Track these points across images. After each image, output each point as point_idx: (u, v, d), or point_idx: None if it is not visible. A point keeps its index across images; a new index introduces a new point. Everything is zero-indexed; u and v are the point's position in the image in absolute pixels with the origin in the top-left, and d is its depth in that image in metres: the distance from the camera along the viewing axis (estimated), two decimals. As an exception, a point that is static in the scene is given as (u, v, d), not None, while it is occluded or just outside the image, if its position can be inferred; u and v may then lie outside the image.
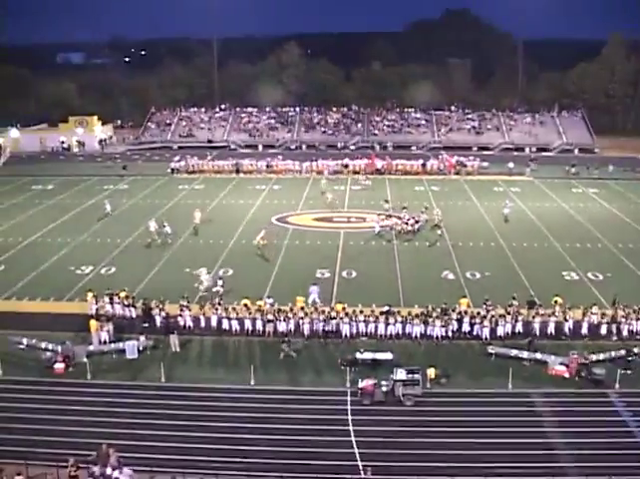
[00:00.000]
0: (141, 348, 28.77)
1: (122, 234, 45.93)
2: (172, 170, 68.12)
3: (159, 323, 30.82)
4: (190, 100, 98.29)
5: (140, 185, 63.17)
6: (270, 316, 30.26)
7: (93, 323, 29.95)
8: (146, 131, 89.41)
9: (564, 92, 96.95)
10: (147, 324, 30.80)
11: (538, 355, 27.73)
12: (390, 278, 37.41)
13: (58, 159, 78.17)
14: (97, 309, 31.81)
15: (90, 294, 32.35)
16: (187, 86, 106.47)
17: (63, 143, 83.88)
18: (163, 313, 30.89)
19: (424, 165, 67.88)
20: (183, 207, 54.53)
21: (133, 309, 31.81)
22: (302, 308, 31.15)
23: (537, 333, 29.79)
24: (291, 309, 30.93)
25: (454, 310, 30.62)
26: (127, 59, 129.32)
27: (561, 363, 27.14)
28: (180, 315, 30.79)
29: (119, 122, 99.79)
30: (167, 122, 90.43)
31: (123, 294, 32.52)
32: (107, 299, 32.17)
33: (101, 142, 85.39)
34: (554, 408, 24.58)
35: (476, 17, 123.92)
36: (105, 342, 29.36)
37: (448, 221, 48.66)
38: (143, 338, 29.10)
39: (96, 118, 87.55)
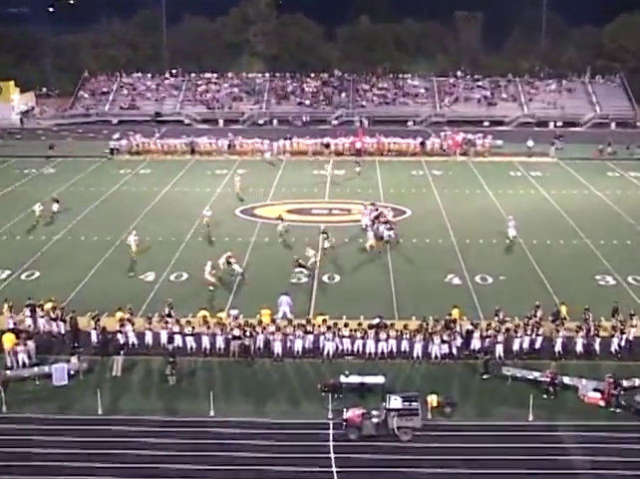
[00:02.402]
0: (72, 372, 28.58)
1: (48, 230, 45.70)
2: (111, 150, 67.93)
3: (94, 341, 30.64)
4: (133, 63, 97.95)
5: (70, 168, 62.86)
6: (235, 332, 30.24)
7: (7, 338, 29.64)
8: (77, 101, 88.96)
9: (599, 52, 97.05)
10: (77, 344, 30.60)
11: (566, 379, 27.94)
12: (381, 284, 37.58)
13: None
14: (14, 324, 31.55)
15: (5, 306, 32.11)
16: (129, 45, 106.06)
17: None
18: (99, 329, 30.70)
19: (423, 144, 68.32)
20: (125, 196, 54.34)
21: (61, 324, 31.59)
22: (273, 321, 31.21)
23: (561, 350, 30.09)
24: (260, 322, 30.96)
25: (456, 322, 30.85)
26: (50, 9, 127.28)
27: (595, 389, 27.23)
28: (121, 331, 30.67)
29: (43, 90, 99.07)
30: (105, 90, 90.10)
31: (48, 306, 32.32)
32: (27, 312, 31.93)
33: (22, 115, 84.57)
34: (586, 445, 24.57)
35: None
36: (24, 365, 29.11)
37: (453, 213, 49.20)
38: (74, 360, 28.91)
39: (12, 84, 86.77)
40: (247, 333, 30.24)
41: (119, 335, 30.59)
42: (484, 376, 28.61)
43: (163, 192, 55.35)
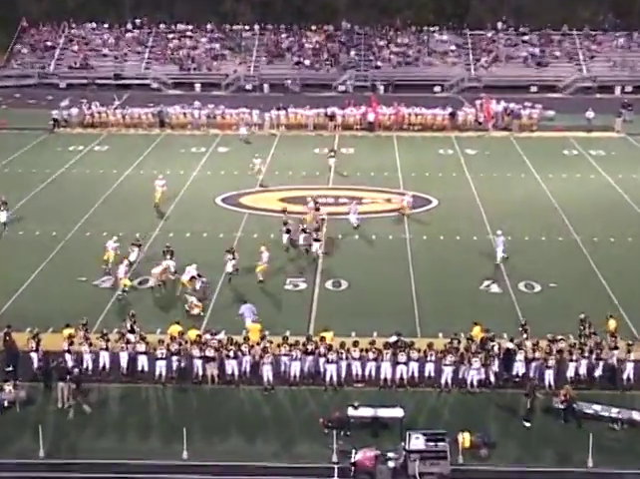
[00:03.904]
0: (5, 404, 28.63)
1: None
2: (55, 121, 67.95)
3: (35, 364, 30.70)
4: (86, 11, 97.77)
5: (4, 145, 62.94)
6: (209, 352, 30.33)
7: None
8: (13, 58, 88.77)
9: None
10: (12, 368, 30.44)
11: (635, 414, 28.04)
12: (400, 292, 37.71)
13: None
14: None
15: None
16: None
17: None
18: (42, 349, 30.70)
19: (453, 115, 68.34)
20: (75, 180, 54.40)
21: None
22: (262, 338, 31.31)
23: (631, 378, 30.14)
24: (246, 340, 31.03)
25: (493, 340, 30.88)
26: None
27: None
28: (69, 352, 30.70)
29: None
30: (49, 44, 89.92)
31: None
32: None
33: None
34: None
35: None
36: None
37: (490, 202, 49.39)
38: (8, 388, 28.96)
39: None
40: (231, 354, 30.30)
41: (66, 357, 30.52)
42: (617, 413, 28.05)
43: (125, 175, 55.44)
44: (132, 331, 31.66)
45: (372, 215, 47.51)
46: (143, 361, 30.69)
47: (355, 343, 30.63)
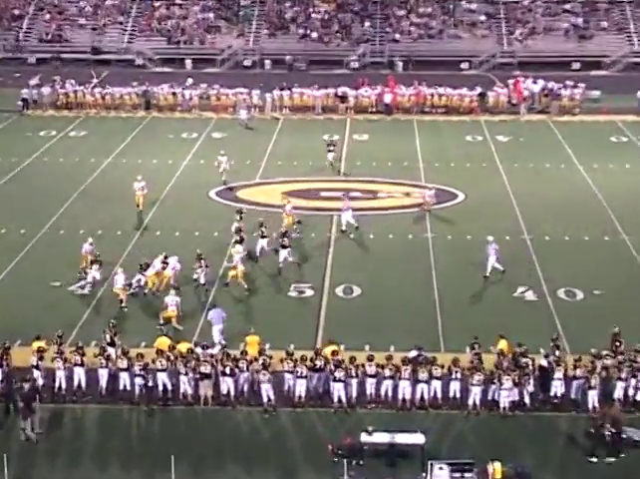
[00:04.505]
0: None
1: None
2: (25, 101, 68.13)
3: None
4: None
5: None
6: (205, 368, 30.39)
7: None
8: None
9: None
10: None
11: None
12: (421, 300, 37.83)
13: None
14: None
15: None
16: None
17: None
18: (7, 364, 30.72)
19: (482, 96, 68.55)
20: (47, 170, 54.65)
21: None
22: (260, 353, 31.38)
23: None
24: (244, 354, 31.06)
25: (526, 355, 30.84)
26: None
27: None
28: (38, 368, 30.71)
29: None
30: (17, 13, 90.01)
31: None
32: None
33: None
34: None
35: None
36: None
37: (525, 197, 49.44)
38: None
39: None
40: (227, 371, 30.31)
41: (35, 374, 30.47)
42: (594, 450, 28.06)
43: (105, 164, 55.60)
44: (112, 344, 31.69)
45: (389, 211, 47.66)
46: (125, 379, 30.61)
47: (370, 358, 30.52)
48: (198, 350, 31.47)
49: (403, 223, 46.26)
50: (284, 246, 40.66)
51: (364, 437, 27.38)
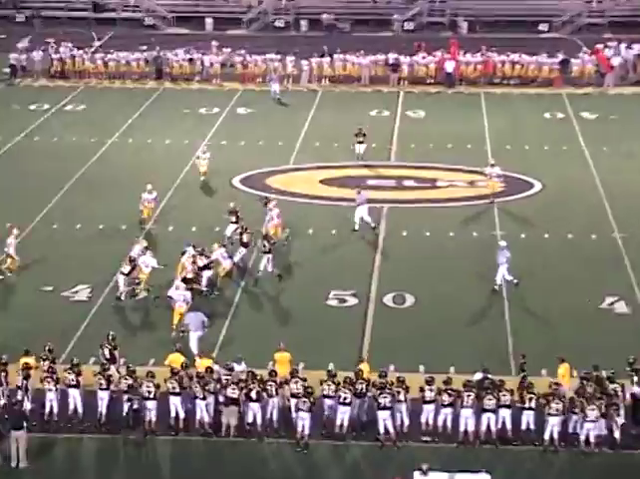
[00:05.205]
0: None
1: None
2: (13, 68, 68.57)
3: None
4: None
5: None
6: (232, 391, 30.10)
7: None
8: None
9: None
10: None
11: None
12: (487, 311, 37.80)
13: None
14: None
15: None
16: None
17: None
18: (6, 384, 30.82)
19: (565, 64, 68.40)
20: (38, 151, 54.66)
21: None
22: (292, 373, 31.04)
23: None
24: (272, 375, 30.80)
25: (614, 381, 30.35)
26: None
27: None
28: (25, 388, 30.63)
29: None
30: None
31: None
32: None
33: None
34: None
35: None
36: None
37: (616, 187, 49.35)
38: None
39: None
40: (253, 395, 30.02)
41: (18, 394, 30.56)
42: None
43: (107, 144, 55.86)
44: (111, 360, 31.53)
45: (449, 203, 47.41)
46: (128, 404, 30.36)
47: (429, 381, 30.22)
48: (216, 368, 31.19)
49: (465, 218, 46.20)
50: (266, 252, 40.20)
51: (417, 477, 27.11)
